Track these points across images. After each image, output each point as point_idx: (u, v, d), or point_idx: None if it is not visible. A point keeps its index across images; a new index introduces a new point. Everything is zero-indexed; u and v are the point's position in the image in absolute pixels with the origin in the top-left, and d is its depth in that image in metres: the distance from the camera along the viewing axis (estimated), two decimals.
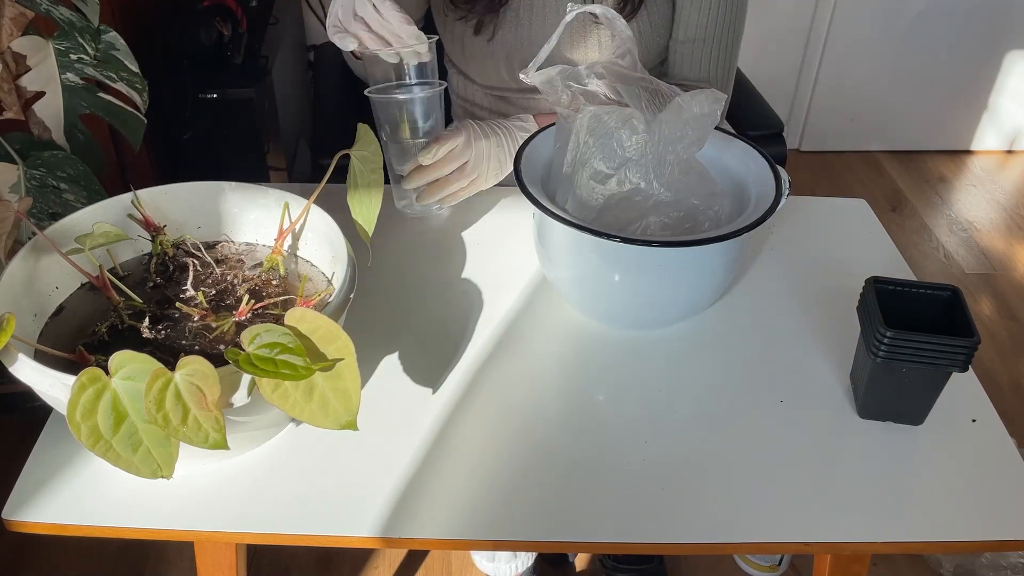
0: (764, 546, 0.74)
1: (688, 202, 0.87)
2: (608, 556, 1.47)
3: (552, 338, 0.92)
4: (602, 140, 0.87)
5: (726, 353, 0.91)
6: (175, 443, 0.62)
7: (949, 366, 0.77)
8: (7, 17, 0.91)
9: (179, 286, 0.80)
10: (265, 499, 0.74)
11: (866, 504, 0.75)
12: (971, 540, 0.73)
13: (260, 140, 1.71)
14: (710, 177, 0.88)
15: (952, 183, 2.67)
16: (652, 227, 0.86)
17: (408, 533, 0.72)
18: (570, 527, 0.73)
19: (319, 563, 1.50)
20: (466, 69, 1.22)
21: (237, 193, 0.86)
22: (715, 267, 0.87)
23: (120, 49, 1.02)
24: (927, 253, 2.36)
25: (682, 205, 0.87)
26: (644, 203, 0.87)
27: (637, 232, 0.86)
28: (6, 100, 0.93)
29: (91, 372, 0.61)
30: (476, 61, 1.17)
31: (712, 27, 1.11)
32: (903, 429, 0.82)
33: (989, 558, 1.53)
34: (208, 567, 0.92)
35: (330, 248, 0.82)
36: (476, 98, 1.25)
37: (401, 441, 0.79)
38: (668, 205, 0.87)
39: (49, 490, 0.73)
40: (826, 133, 2.76)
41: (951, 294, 0.82)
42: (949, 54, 2.62)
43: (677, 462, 0.78)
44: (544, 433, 0.81)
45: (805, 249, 1.06)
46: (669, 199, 0.87)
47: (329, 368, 0.64)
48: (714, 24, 1.11)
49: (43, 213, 0.92)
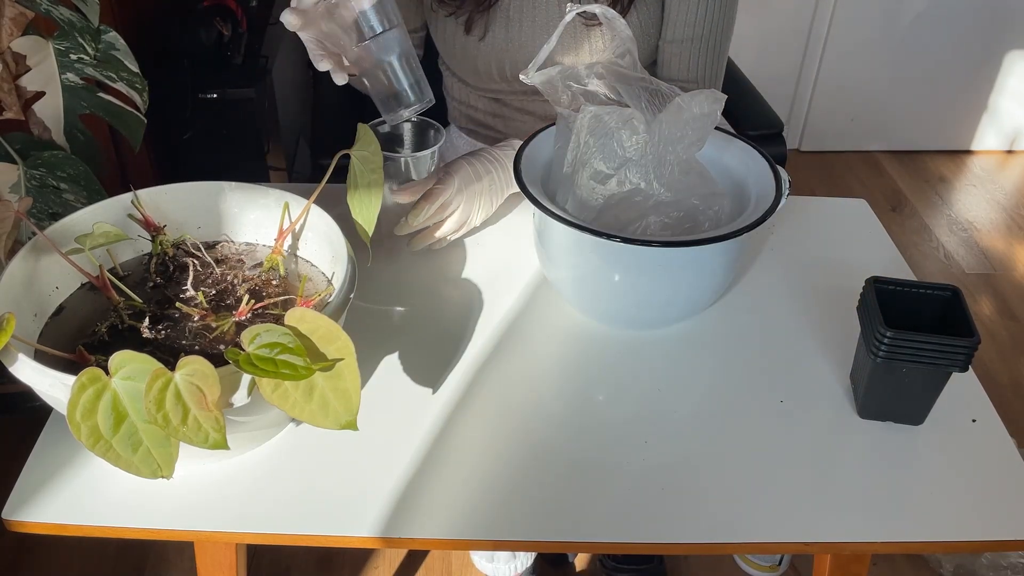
0: (764, 546, 0.74)
1: (688, 202, 0.87)
2: (608, 556, 1.47)
3: (552, 338, 0.92)
4: (602, 140, 0.87)
5: (726, 353, 0.91)
6: (175, 443, 0.62)
7: (949, 366, 0.77)
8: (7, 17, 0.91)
9: (179, 286, 0.80)
10: (265, 499, 0.74)
11: (866, 504, 0.75)
12: (971, 540, 0.73)
13: (260, 140, 1.71)
14: (710, 177, 0.88)
15: (952, 183, 2.67)
16: (652, 227, 0.86)
17: (408, 533, 0.72)
18: (570, 527, 0.73)
19: (319, 563, 1.50)
20: (459, 72, 1.22)
21: (237, 193, 0.86)
22: (715, 267, 0.87)
23: (120, 49, 1.02)
24: (927, 253, 2.36)
25: (682, 205, 0.87)
26: (644, 203, 0.87)
27: (637, 232, 0.86)
28: (6, 100, 0.93)
29: (91, 372, 0.61)
30: (468, 62, 1.17)
31: (700, 27, 1.11)
32: (903, 429, 0.82)
33: (989, 558, 1.53)
34: (208, 567, 0.92)
35: (330, 248, 0.82)
36: (471, 100, 1.25)
37: (401, 441, 0.79)
38: (668, 205, 0.87)
39: (49, 490, 0.73)
40: (826, 133, 2.76)
41: (951, 294, 0.82)
42: (949, 54, 2.62)
43: (677, 462, 0.78)
44: (544, 433, 0.81)
45: (805, 249, 1.06)
46: (669, 199, 0.87)
47: (329, 368, 0.64)
48: (702, 24, 1.10)
49: (43, 213, 0.92)
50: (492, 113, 1.24)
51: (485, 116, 1.25)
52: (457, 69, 1.22)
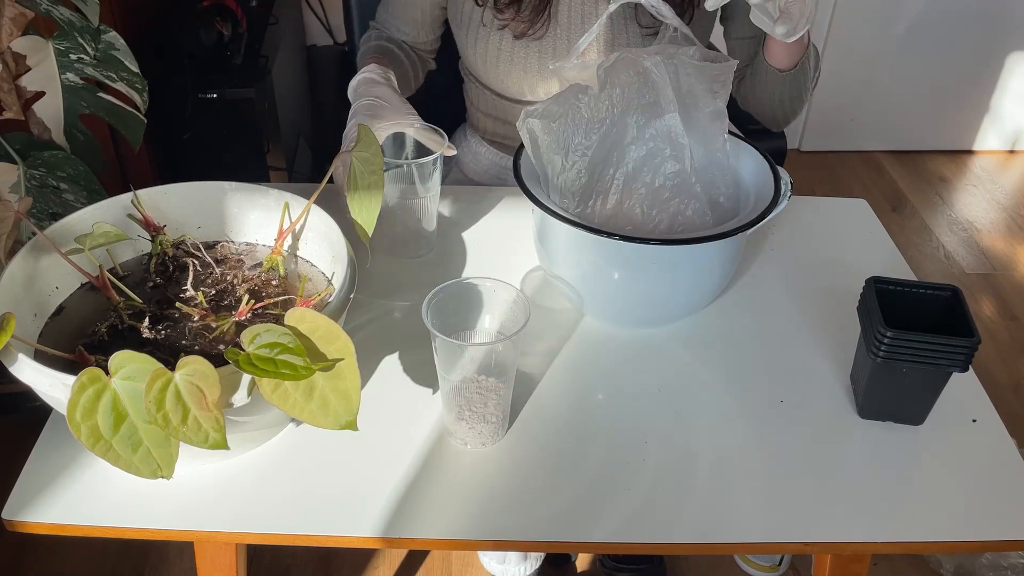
0: (764, 546, 0.74)
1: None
2: (608, 556, 1.47)
3: (552, 337, 0.92)
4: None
5: (726, 353, 0.91)
6: (175, 443, 0.62)
7: (949, 366, 0.77)
8: (7, 17, 0.91)
9: (179, 286, 0.80)
10: (265, 499, 0.74)
11: (866, 504, 0.75)
12: (971, 540, 0.73)
13: (260, 140, 1.71)
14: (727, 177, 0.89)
15: (952, 183, 2.66)
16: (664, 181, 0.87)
17: (408, 533, 0.72)
18: (570, 527, 0.73)
19: (319, 563, 1.50)
20: (492, 79, 1.19)
21: (237, 193, 0.86)
22: (714, 265, 0.87)
23: (120, 49, 1.02)
24: (927, 253, 2.36)
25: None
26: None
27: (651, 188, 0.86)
28: (6, 100, 0.93)
29: (91, 372, 0.61)
30: (511, 68, 1.15)
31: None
32: (903, 429, 0.82)
33: (989, 558, 1.53)
34: (208, 567, 0.92)
35: (330, 248, 0.82)
36: (497, 112, 1.23)
37: (401, 441, 0.79)
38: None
39: (49, 490, 0.73)
40: (826, 133, 2.76)
41: (951, 294, 0.82)
42: (949, 54, 2.61)
43: (677, 462, 0.78)
44: (544, 432, 0.81)
45: (805, 249, 1.06)
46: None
47: (329, 368, 0.64)
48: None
49: (43, 213, 0.92)
50: (512, 121, 1.22)
51: (503, 125, 1.24)
52: (492, 80, 1.19)
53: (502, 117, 1.23)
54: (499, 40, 1.12)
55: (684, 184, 0.86)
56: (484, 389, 0.77)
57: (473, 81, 1.23)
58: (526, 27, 1.10)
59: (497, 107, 1.22)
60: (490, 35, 1.12)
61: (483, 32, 1.13)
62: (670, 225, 0.87)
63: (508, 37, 1.12)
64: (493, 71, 1.16)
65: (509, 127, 1.22)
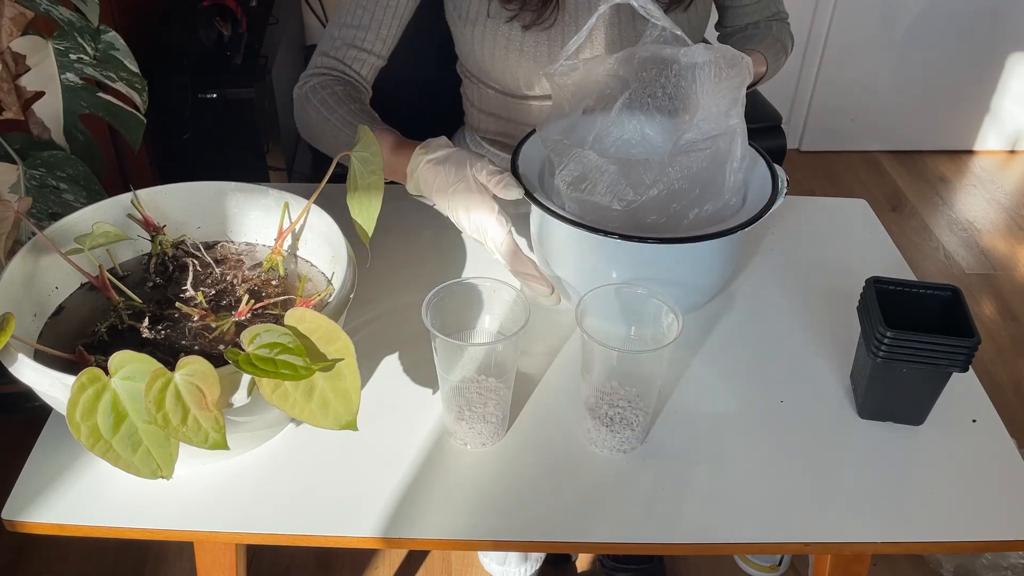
0: (764, 546, 0.74)
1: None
2: (608, 556, 1.47)
3: (551, 336, 0.92)
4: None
5: (726, 353, 0.91)
6: (175, 443, 0.62)
7: (949, 366, 0.77)
8: (7, 17, 0.91)
9: (179, 286, 0.80)
10: (265, 499, 0.74)
11: (866, 504, 0.75)
12: (971, 540, 0.73)
13: (260, 140, 1.71)
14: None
15: (952, 183, 2.67)
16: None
17: (408, 533, 0.72)
18: (570, 527, 0.73)
19: (319, 563, 1.50)
20: (499, 74, 1.17)
21: (237, 193, 0.86)
22: (712, 264, 0.87)
23: (120, 49, 1.02)
24: (927, 253, 2.36)
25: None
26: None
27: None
28: (6, 100, 0.93)
29: (91, 372, 0.61)
30: (521, 59, 1.13)
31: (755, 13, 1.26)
32: (903, 429, 0.82)
33: (989, 558, 1.53)
34: (208, 567, 0.92)
35: (330, 248, 0.82)
36: (499, 111, 1.23)
37: (401, 441, 0.79)
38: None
39: (49, 490, 0.73)
40: (826, 133, 2.76)
41: (951, 294, 0.82)
42: (949, 54, 2.61)
43: (677, 462, 0.78)
44: (543, 432, 0.81)
45: (805, 249, 1.06)
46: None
47: (329, 368, 0.64)
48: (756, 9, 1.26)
49: (43, 213, 0.92)
50: (511, 119, 1.22)
51: (505, 123, 1.23)
52: (500, 75, 1.17)
53: (504, 115, 1.22)
54: (508, 32, 1.12)
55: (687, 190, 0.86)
56: (484, 389, 0.77)
57: (474, 80, 1.23)
58: (534, 16, 1.10)
59: (499, 105, 1.22)
60: (498, 27, 1.12)
61: (491, 25, 1.13)
62: (673, 224, 0.87)
63: (517, 28, 1.11)
64: (502, 64, 1.15)
65: (511, 125, 1.22)
